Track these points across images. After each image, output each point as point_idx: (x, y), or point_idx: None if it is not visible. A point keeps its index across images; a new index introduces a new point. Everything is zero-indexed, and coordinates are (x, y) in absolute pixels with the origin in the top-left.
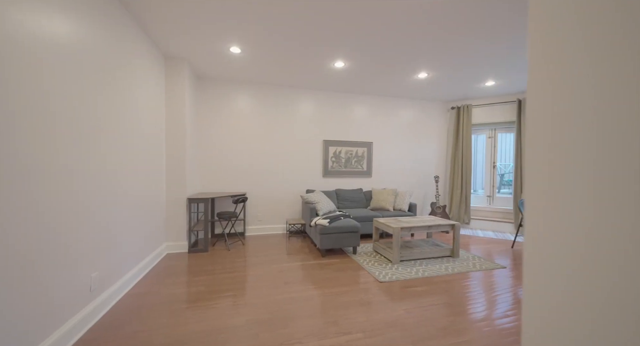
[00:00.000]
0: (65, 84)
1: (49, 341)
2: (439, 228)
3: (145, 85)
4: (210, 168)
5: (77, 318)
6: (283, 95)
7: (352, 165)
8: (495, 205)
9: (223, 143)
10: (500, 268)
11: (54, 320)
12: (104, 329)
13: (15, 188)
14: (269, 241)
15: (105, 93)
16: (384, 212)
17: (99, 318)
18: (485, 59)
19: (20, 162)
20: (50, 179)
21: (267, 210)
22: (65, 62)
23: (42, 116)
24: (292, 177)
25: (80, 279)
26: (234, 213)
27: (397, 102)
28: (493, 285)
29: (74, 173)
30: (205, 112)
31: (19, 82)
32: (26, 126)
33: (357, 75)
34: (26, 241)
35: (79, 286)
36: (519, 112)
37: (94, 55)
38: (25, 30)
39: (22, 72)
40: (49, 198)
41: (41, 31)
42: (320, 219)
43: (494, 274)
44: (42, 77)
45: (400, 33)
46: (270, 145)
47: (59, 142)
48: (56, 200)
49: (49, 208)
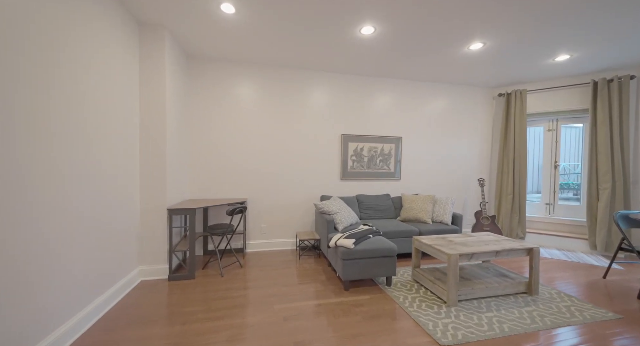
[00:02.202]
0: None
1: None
2: (511, 254)
3: (108, 60)
4: (203, 170)
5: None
6: (292, 80)
7: (376, 165)
8: (556, 215)
9: (219, 140)
10: (615, 318)
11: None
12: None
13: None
14: (275, 260)
15: (44, 69)
16: (420, 225)
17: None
18: (569, 18)
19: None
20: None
21: (273, 220)
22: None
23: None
24: (304, 181)
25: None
26: (230, 226)
27: (433, 88)
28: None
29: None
30: (198, 101)
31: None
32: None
33: (388, 47)
34: None
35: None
36: (594, 96)
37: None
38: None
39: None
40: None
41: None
42: (342, 238)
43: (609, 330)
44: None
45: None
46: (277, 141)
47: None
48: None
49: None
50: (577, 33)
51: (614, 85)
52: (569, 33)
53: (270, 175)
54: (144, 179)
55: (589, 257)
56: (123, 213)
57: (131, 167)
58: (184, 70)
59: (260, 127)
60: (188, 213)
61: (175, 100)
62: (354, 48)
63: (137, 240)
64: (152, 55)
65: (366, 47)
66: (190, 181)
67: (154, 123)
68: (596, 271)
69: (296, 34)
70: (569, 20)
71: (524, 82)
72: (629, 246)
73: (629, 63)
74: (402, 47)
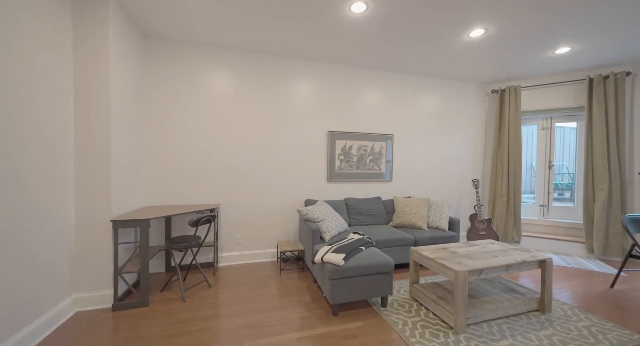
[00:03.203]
0: None
1: None
2: (522, 268)
3: (24, 36)
4: (166, 172)
5: None
6: (273, 69)
7: (366, 165)
8: (551, 217)
9: (187, 136)
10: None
11: None
12: None
13: None
14: (251, 277)
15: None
16: (415, 232)
17: None
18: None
19: None
20: None
21: (250, 229)
22: None
23: None
24: (286, 183)
25: None
26: (196, 238)
27: (425, 82)
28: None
29: None
30: (160, 90)
31: None
32: None
33: (381, 31)
34: None
35: None
36: (590, 93)
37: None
38: None
39: None
40: None
41: None
42: (329, 253)
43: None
44: None
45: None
46: (255, 138)
47: None
48: None
49: None
50: (582, 23)
51: (610, 81)
52: (573, 22)
53: (247, 178)
54: (81, 185)
55: (588, 262)
56: (51, 229)
57: (63, 170)
58: (140, 52)
59: (235, 122)
60: (139, 225)
61: (127, 87)
62: (343, 31)
63: (71, 261)
64: (91, 31)
65: (356, 30)
66: (151, 185)
67: (93, 116)
68: (601, 280)
69: (277, 7)
70: (576, 6)
71: (518, 78)
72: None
73: (625, 59)
74: (396, 31)
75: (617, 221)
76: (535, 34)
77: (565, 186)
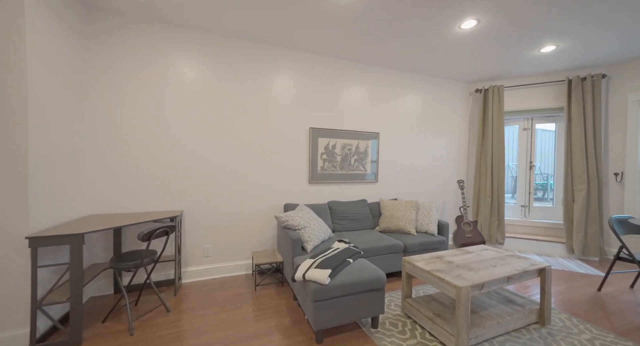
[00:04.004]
0: None
1: None
2: (524, 278)
3: None
4: (117, 174)
5: None
6: (249, 56)
7: (350, 165)
8: (532, 217)
9: (143, 131)
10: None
11: None
12: None
13: None
14: (221, 295)
15: None
16: (403, 238)
17: None
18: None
19: None
20: None
21: (221, 238)
22: None
23: None
24: (263, 186)
25: None
26: (150, 253)
27: (411, 79)
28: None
29: None
30: (108, 75)
31: None
32: None
33: (370, 19)
34: None
35: None
36: (569, 95)
37: None
38: None
39: None
40: None
41: None
42: (312, 269)
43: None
44: None
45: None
46: (227, 134)
47: None
48: None
49: None
50: (570, 18)
51: (587, 83)
52: (563, 16)
53: (217, 180)
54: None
55: (570, 263)
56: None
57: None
58: (82, 28)
59: (203, 117)
60: (70, 242)
61: (60, 71)
62: (327, 17)
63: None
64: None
65: (341, 17)
66: (95, 190)
67: (2, 104)
68: (587, 282)
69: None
70: (566, 1)
71: (502, 78)
72: (628, 255)
73: (601, 61)
74: (386, 17)
75: (596, 221)
76: (525, 27)
77: (539, 186)
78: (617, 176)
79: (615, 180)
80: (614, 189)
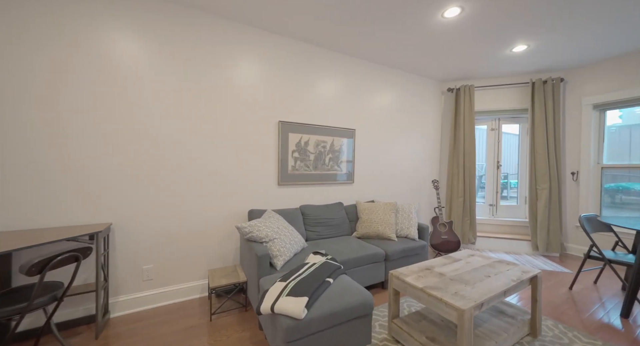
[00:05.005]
0: None
1: None
2: (519, 288)
3: None
4: (10, 176)
5: None
6: (205, 32)
7: (325, 164)
8: (499, 216)
9: (56, 121)
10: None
11: None
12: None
13: None
14: (165, 331)
15: None
16: (384, 244)
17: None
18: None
19: None
20: None
21: (166, 256)
22: None
23: None
24: (222, 188)
25: None
26: (51, 287)
27: (387, 74)
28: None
29: None
30: (16, 46)
31: None
32: None
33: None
34: None
35: None
36: (532, 97)
37: None
38: None
39: None
40: None
41: None
42: (283, 297)
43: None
44: None
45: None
46: (174, 126)
47: None
48: None
49: None
50: (546, 15)
51: (548, 86)
52: (543, 12)
53: (162, 182)
54: None
55: (537, 260)
56: None
57: None
58: None
59: (143, 104)
60: None
61: None
62: None
63: None
64: None
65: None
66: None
67: None
68: (558, 280)
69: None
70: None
71: (472, 78)
72: (598, 254)
73: (561, 65)
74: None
75: (556, 219)
76: (508, 19)
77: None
78: (573, 175)
79: (572, 179)
80: (570, 188)
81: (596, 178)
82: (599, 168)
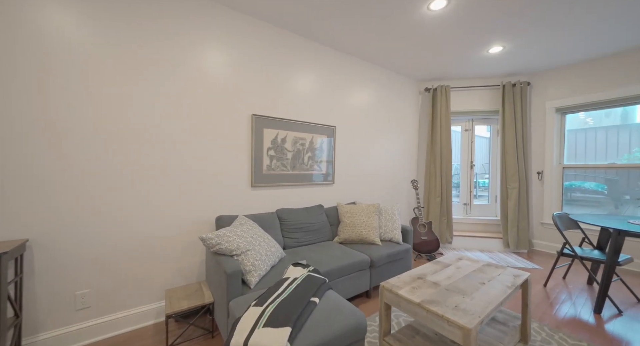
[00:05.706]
0: None
1: None
2: (512, 294)
3: None
4: None
5: None
6: (165, 10)
7: (304, 163)
8: (472, 215)
9: None
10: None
11: None
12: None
13: None
14: None
15: None
16: (368, 250)
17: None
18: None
19: None
20: None
21: (110, 276)
22: None
23: None
24: (184, 191)
25: None
26: None
27: (367, 69)
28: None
29: None
30: None
31: None
32: None
33: None
34: None
35: None
36: (503, 99)
37: None
38: None
39: None
40: None
41: None
42: (259, 330)
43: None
44: None
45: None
46: (131, 119)
47: None
48: None
49: None
50: (522, 20)
51: (517, 89)
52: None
53: (98, 186)
54: None
55: (509, 257)
56: None
57: None
58: None
59: (83, 91)
60: None
61: None
62: None
63: None
64: None
65: None
66: None
67: None
68: (531, 277)
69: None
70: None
71: (449, 79)
72: (571, 251)
73: (528, 69)
74: None
75: (525, 216)
76: (491, 14)
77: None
78: (539, 175)
79: (537, 179)
80: (536, 186)
81: (558, 178)
82: (560, 168)
